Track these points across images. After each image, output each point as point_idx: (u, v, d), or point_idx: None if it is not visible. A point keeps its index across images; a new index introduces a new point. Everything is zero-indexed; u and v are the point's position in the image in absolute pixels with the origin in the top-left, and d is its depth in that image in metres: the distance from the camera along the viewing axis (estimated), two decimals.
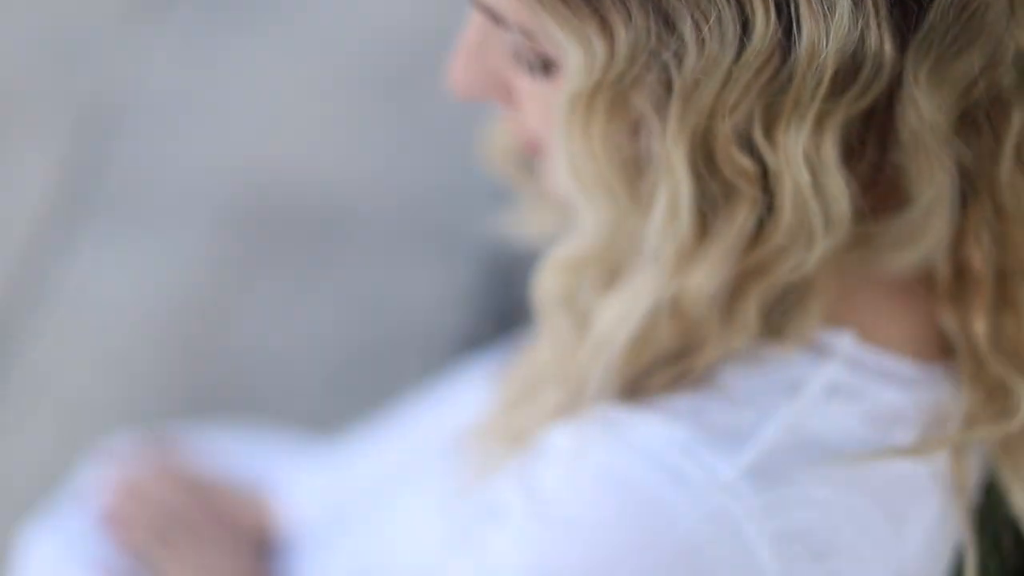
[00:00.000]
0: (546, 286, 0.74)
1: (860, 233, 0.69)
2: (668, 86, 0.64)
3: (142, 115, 2.16)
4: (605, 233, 0.70)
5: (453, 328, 1.91)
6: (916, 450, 0.71)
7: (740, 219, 0.66)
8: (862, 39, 0.61)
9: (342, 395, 1.83)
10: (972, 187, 0.70)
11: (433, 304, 1.92)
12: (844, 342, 0.71)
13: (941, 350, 0.74)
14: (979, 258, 0.71)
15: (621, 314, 0.70)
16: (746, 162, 0.64)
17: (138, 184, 2.09)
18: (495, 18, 0.67)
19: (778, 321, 0.71)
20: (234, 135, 2.11)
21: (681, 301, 0.69)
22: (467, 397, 1.12)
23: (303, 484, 1.19)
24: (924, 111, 0.64)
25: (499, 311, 1.83)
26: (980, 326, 0.71)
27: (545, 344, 0.78)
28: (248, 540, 1.16)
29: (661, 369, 0.72)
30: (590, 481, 0.70)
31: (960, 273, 0.72)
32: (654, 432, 0.69)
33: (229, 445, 1.25)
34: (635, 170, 0.68)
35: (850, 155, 0.67)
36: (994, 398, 0.73)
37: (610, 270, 0.73)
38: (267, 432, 1.32)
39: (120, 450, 1.23)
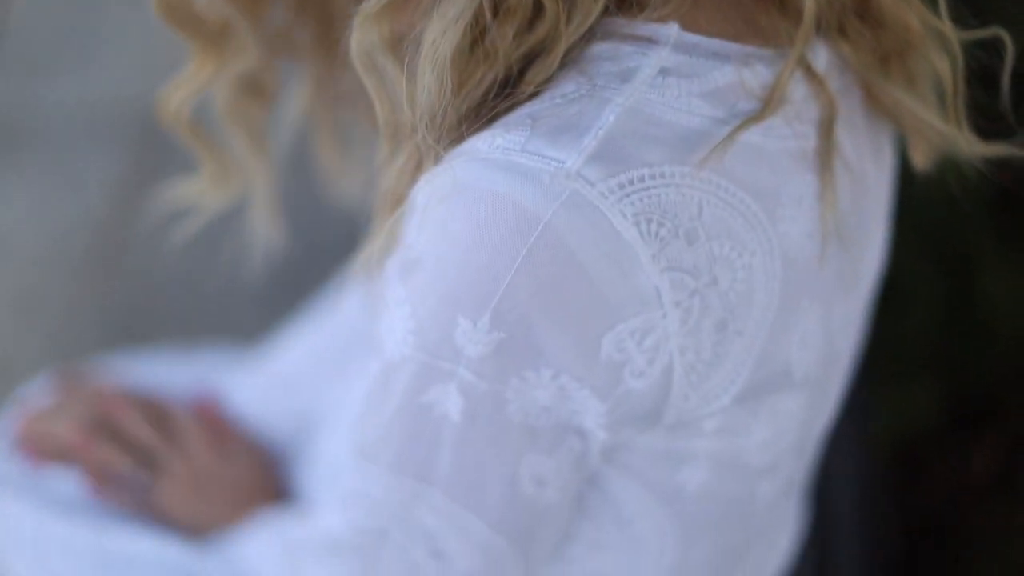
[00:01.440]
0: (362, 40, 0.72)
1: None
2: None
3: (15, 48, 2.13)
4: None
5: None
6: (763, 114, 0.71)
7: None
8: None
9: (265, 309, 1.86)
10: None
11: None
12: (671, 30, 0.70)
13: (763, 39, 0.74)
14: None
15: (442, 27, 0.68)
16: None
17: (24, 117, 2.07)
18: None
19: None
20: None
21: None
22: None
23: (242, 386, 1.21)
24: None
25: None
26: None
27: (381, 101, 0.75)
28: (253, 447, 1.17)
29: (494, 101, 0.70)
30: (443, 210, 0.68)
31: None
32: (490, 144, 0.68)
33: (154, 368, 1.24)
34: None
35: None
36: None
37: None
38: (190, 352, 1.31)
39: (35, 391, 1.21)
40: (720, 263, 0.70)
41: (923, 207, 1.45)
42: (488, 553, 0.80)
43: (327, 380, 1.16)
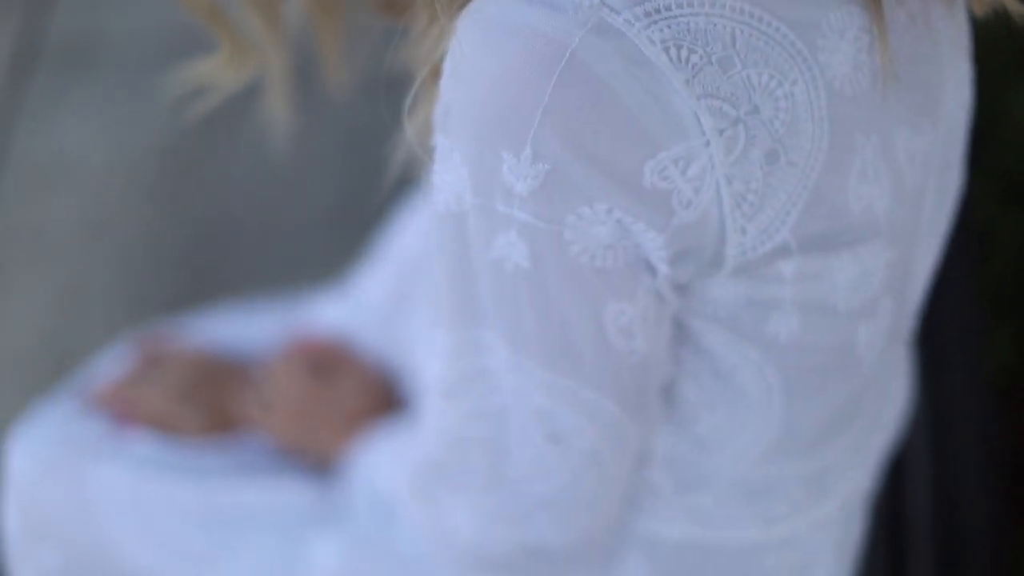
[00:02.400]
0: None
1: None
2: None
3: None
4: None
5: None
6: None
7: None
8: None
9: (335, 229, 1.85)
10: None
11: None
12: None
13: None
14: None
15: None
16: None
17: (96, 42, 2.06)
18: None
19: None
20: None
21: None
22: None
23: (332, 317, 1.20)
24: None
25: None
26: None
27: None
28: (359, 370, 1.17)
29: None
30: (470, 48, 0.69)
31: None
32: None
33: (232, 321, 1.25)
34: None
35: None
36: None
37: None
38: (263, 305, 1.30)
39: (112, 357, 1.21)
40: (759, 91, 0.69)
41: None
42: (601, 422, 0.80)
43: (414, 299, 1.16)
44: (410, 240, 1.20)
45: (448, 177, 0.72)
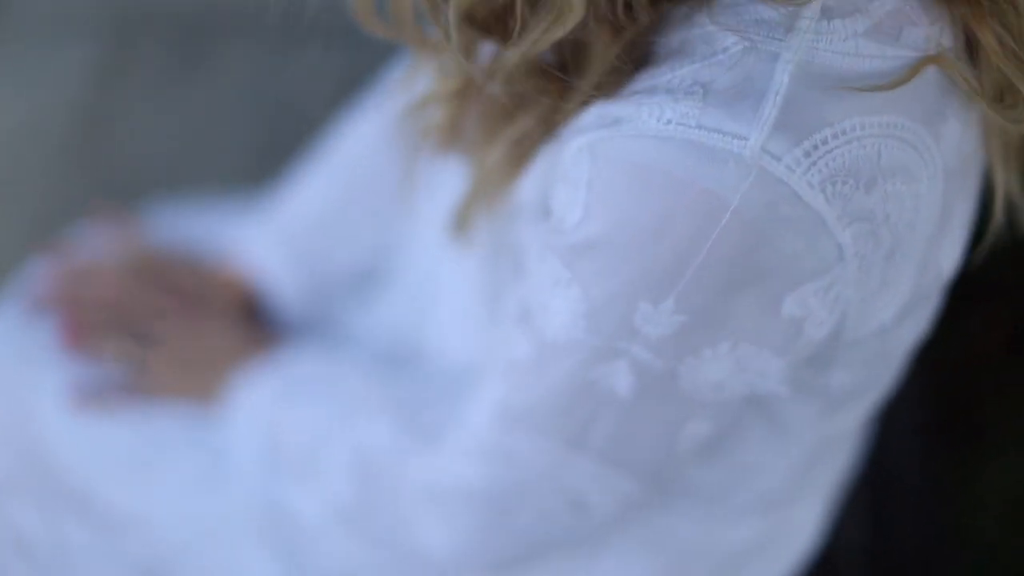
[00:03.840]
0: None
1: None
2: None
3: None
4: None
5: None
6: (939, 55, 0.67)
7: None
8: None
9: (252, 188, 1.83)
10: None
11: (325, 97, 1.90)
12: None
13: None
14: None
15: None
16: None
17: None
18: None
19: None
20: None
21: None
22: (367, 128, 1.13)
23: (258, 234, 1.18)
24: None
25: None
26: None
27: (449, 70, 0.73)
28: (229, 309, 1.14)
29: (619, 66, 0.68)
30: (621, 192, 0.66)
31: None
32: (659, 117, 0.65)
33: (172, 220, 1.22)
34: None
35: None
36: None
37: None
38: (202, 202, 1.28)
39: (63, 242, 1.18)
40: (892, 199, 0.68)
41: None
42: (627, 499, 0.81)
43: (350, 222, 1.14)
44: (354, 146, 1.16)
45: (556, 304, 0.71)
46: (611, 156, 0.66)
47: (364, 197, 1.14)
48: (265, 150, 1.87)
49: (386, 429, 0.92)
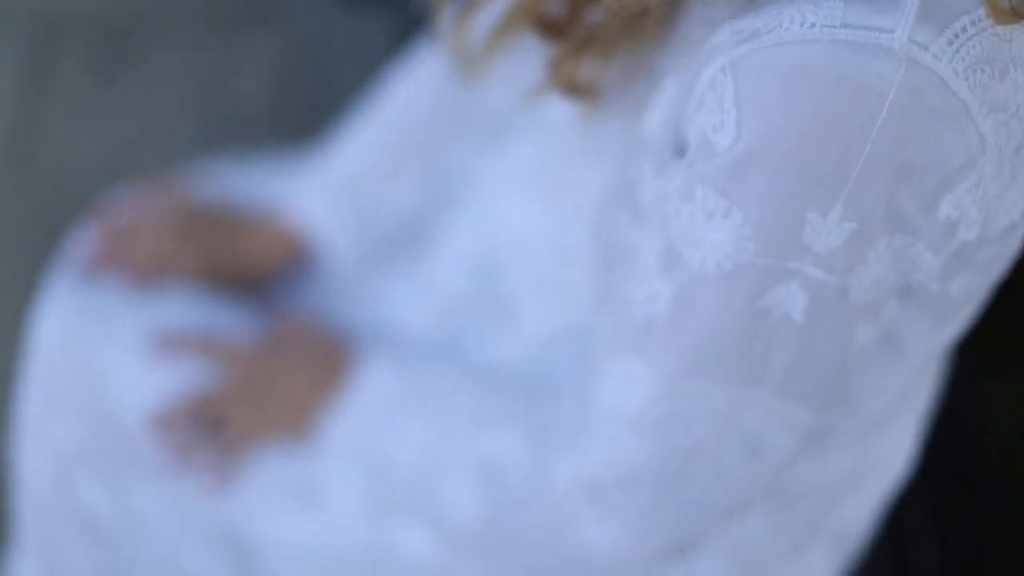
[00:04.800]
0: None
1: None
2: None
3: None
4: None
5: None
6: None
7: None
8: None
9: None
10: None
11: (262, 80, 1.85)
12: None
13: None
14: None
15: None
16: None
17: None
18: None
19: None
20: None
21: None
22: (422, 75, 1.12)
23: (308, 187, 1.15)
24: None
25: None
26: None
27: None
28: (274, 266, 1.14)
29: None
30: (774, 100, 0.65)
31: None
32: (802, 22, 0.65)
33: (214, 179, 1.20)
34: None
35: None
36: None
37: None
38: (242, 162, 1.26)
39: (105, 205, 1.17)
40: (1021, 89, 0.68)
41: None
42: (803, 436, 0.79)
43: (402, 171, 1.14)
44: (405, 96, 1.15)
45: (714, 237, 0.70)
46: (757, 68, 0.66)
47: (417, 148, 1.14)
48: (211, 141, 1.82)
49: (511, 437, 0.92)
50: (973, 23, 0.65)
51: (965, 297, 0.77)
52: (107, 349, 1.05)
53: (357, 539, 1.00)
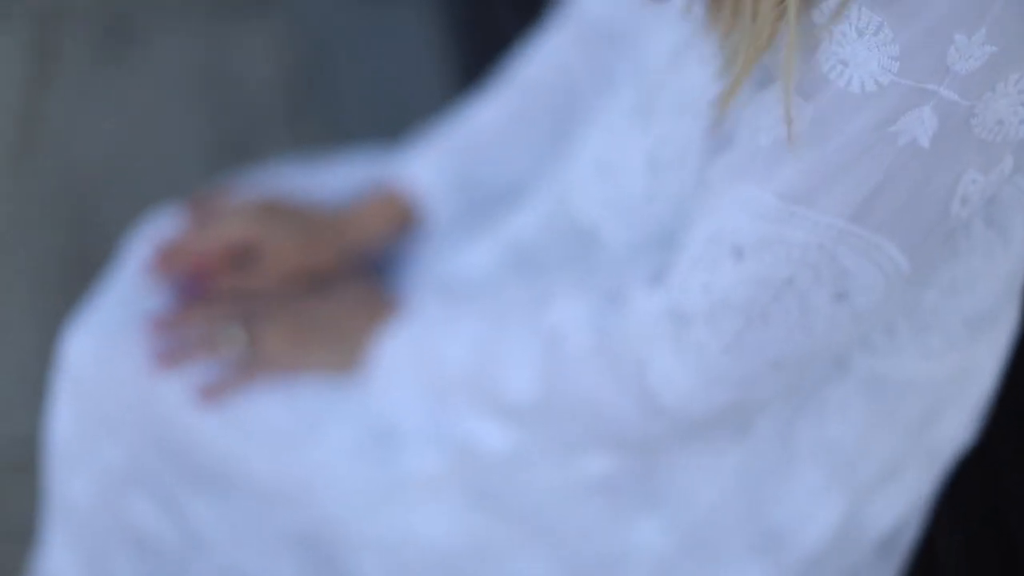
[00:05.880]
0: None
1: None
2: None
3: None
4: None
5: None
6: None
7: None
8: None
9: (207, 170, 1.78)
10: None
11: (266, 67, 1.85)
12: None
13: None
14: None
15: None
16: None
17: None
18: None
19: None
20: None
21: None
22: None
23: (421, 158, 1.14)
24: None
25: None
26: None
27: None
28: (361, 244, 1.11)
29: None
30: None
31: None
32: None
33: (307, 178, 1.17)
34: None
35: None
36: None
37: None
38: (343, 157, 1.22)
39: (155, 224, 1.11)
40: None
41: None
42: (890, 281, 0.79)
43: (518, 139, 1.14)
44: (536, 70, 1.15)
45: (862, 55, 0.72)
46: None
47: (541, 112, 1.14)
48: (216, 124, 1.83)
49: (571, 305, 0.92)
50: None
51: None
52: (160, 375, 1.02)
53: (432, 456, 0.99)
